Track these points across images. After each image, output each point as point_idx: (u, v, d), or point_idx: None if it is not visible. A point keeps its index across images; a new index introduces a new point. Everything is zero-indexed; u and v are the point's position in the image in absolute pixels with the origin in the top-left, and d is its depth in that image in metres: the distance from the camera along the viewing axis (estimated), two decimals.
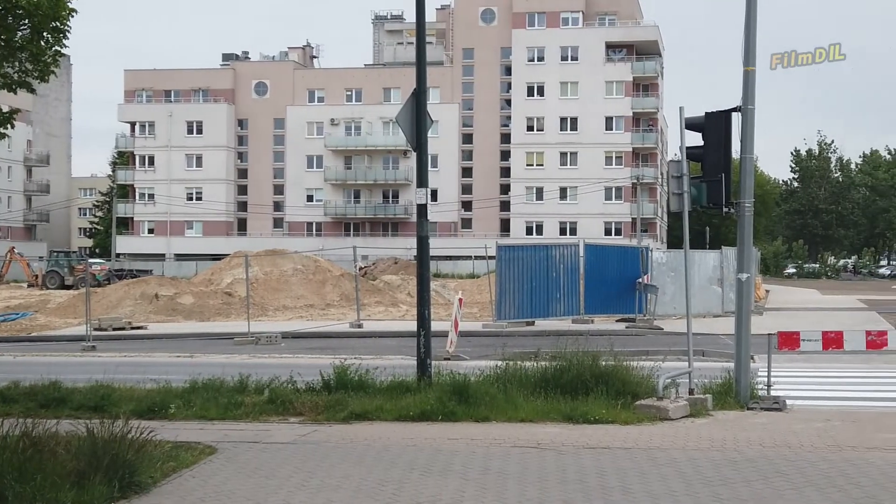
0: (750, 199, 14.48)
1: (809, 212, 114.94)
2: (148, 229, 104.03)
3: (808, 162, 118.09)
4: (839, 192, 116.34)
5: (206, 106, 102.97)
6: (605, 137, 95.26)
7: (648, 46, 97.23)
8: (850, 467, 9.73)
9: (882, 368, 20.47)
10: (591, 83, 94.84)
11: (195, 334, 30.92)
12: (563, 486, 9.07)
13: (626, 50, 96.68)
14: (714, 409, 13.70)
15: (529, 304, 30.74)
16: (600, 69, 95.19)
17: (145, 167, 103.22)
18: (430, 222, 15.25)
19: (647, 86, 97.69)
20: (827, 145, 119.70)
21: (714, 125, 14.31)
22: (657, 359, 17.51)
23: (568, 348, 14.50)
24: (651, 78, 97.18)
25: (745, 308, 14.77)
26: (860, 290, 65.28)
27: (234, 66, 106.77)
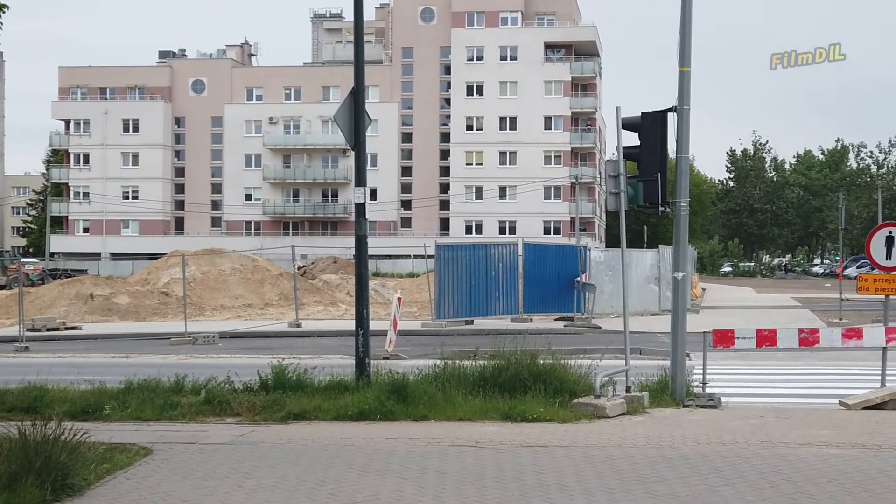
0: (685, 198, 14.62)
1: (745, 211, 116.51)
2: (83, 228, 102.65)
3: (743, 162, 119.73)
4: (774, 192, 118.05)
5: (143, 104, 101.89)
6: (544, 137, 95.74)
7: (587, 47, 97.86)
8: (782, 463, 9.86)
9: (815, 365, 20.80)
10: (530, 83, 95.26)
11: (131, 334, 30.58)
12: (501, 484, 9.10)
13: (565, 50, 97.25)
14: (650, 406, 13.81)
15: (468, 303, 30.82)
16: (539, 69, 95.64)
17: (80, 165, 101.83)
18: (370, 221, 15.23)
19: (585, 86, 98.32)
20: (762, 145, 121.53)
21: (650, 125, 14.43)
22: (595, 357, 17.60)
23: (506, 347, 14.53)
24: (589, 78, 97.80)
25: (681, 306, 14.91)
26: (794, 288, 66.27)
27: (171, 63, 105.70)
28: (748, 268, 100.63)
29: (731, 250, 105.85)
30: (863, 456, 10.26)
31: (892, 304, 16.35)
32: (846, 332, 15.72)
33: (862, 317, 31.22)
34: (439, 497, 8.67)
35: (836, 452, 10.46)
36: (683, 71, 14.43)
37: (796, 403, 15.34)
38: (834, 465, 9.73)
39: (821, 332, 15.85)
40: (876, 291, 15.93)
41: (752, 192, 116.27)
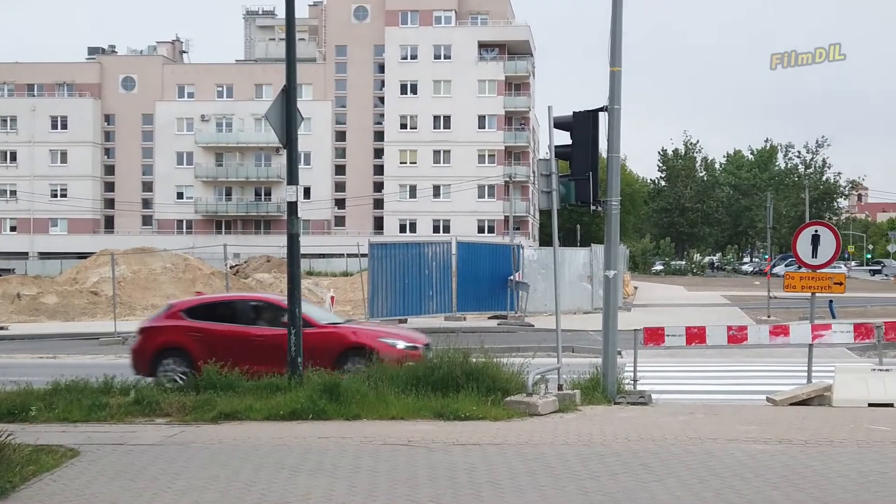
0: (616, 197, 14.74)
1: (676, 210, 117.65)
2: (10, 227, 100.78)
3: (674, 161, 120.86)
4: (704, 191, 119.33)
5: (71, 100, 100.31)
6: (478, 136, 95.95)
7: (520, 46, 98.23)
8: (711, 458, 9.99)
9: (743, 362, 21.11)
10: (463, 82, 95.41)
11: (59, 335, 30.12)
12: (434, 482, 9.10)
13: (499, 49, 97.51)
14: (582, 403, 13.91)
15: (402, 302, 30.78)
16: (473, 68, 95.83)
17: (6, 163, 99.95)
18: (304, 220, 15.14)
19: (518, 85, 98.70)
20: (693, 145, 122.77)
21: (582, 124, 14.51)
22: (527, 355, 17.68)
23: (439, 346, 14.55)
24: (523, 77, 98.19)
25: (613, 304, 15.03)
26: (724, 286, 67.11)
27: (101, 60, 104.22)
28: (679, 266, 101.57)
29: (662, 249, 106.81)
30: (789, 451, 10.42)
31: (818, 301, 16.64)
32: (773, 330, 15.97)
33: (790, 314, 31.72)
34: (371, 496, 8.65)
35: (763, 448, 10.61)
36: (614, 71, 14.53)
37: (725, 400, 15.57)
38: (761, 461, 9.87)
39: (749, 330, 16.08)
40: (802, 289, 16.19)
41: (683, 191, 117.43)
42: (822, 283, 16.06)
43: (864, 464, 9.68)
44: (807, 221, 18.37)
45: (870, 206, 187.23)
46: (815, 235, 15.91)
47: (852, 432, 11.56)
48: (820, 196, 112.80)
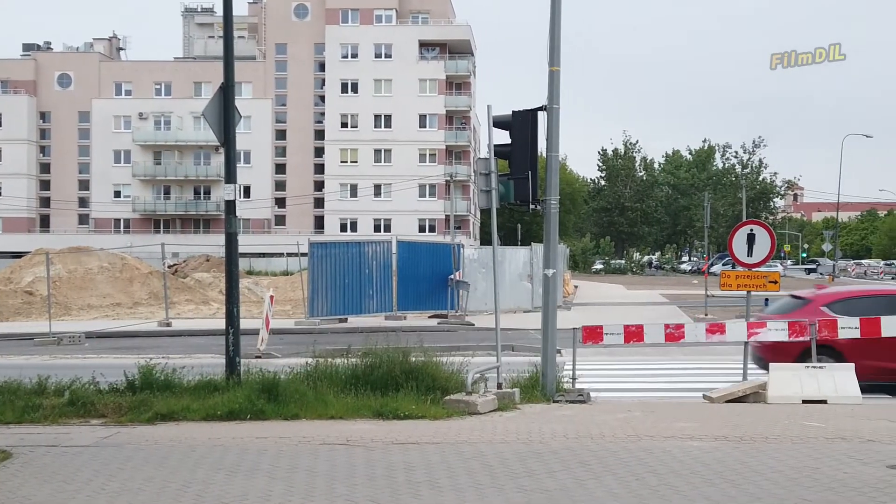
0: (555, 196, 14.80)
1: (616, 209, 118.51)
2: None
3: (614, 161, 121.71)
4: (644, 191, 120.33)
5: (6, 98, 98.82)
6: (419, 135, 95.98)
7: (461, 45, 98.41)
8: (648, 456, 10.06)
9: (681, 360, 21.30)
10: (404, 81, 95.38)
11: None
12: (372, 482, 9.07)
13: (440, 49, 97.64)
14: (521, 402, 13.95)
15: (342, 301, 30.66)
16: (414, 67, 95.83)
17: None
18: (244, 219, 15.07)
19: (459, 84, 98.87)
20: (632, 145, 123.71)
21: (521, 124, 14.54)
22: (467, 354, 17.74)
23: (379, 345, 14.51)
24: (464, 77, 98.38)
25: (551, 303, 15.09)
26: (663, 285, 67.72)
27: (36, 56, 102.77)
28: (619, 265, 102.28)
29: (602, 248, 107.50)
30: (724, 448, 10.53)
31: (754, 299, 16.84)
32: (710, 328, 16.11)
33: (727, 312, 32.05)
34: (309, 496, 8.60)
35: (700, 445, 10.71)
36: (553, 70, 14.58)
37: (663, 397, 15.70)
38: (697, 457, 9.96)
39: (686, 328, 16.21)
40: (738, 287, 16.37)
41: (622, 190, 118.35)
42: (757, 282, 16.26)
43: (798, 459, 9.81)
44: (743, 221, 18.52)
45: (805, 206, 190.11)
46: (750, 234, 16.11)
47: (786, 429, 11.71)
48: (757, 196, 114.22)
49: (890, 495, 8.25)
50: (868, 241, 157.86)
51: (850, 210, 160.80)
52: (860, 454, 10.03)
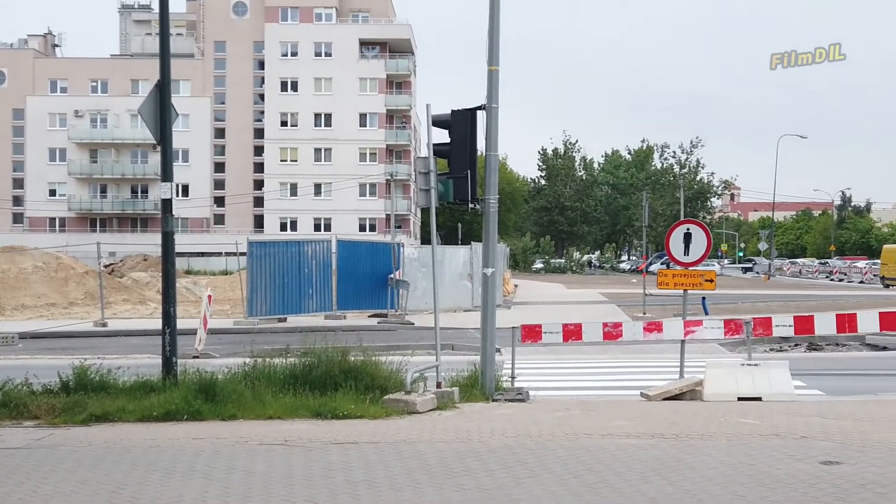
0: (494, 195, 14.83)
1: (556, 209, 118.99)
2: None
3: (554, 161, 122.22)
4: (583, 190, 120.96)
5: None
6: (360, 134, 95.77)
7: (402, 45, 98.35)
8: (585, 454, 10.11)
9: (620, 358, 21.46)
10: (345, 80, 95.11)
11: None
12: (309, 482, 9.02)
13: (380, 48, 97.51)
14: (461, 401, 13.96)
15: (281, 301, 30.51)
16: (354, 66, 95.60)
17: None
18: (182, 218, 14.94)
19: (400, 83, 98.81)
20: (572, 145, 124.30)
21: (460, 123, 14.55)
22: (407, 353, 17.79)
23: (318, 344, 14.45)
24: (404, 76, 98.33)
25: (491, 302, 15.12)
26: (602, 284, 68.18)
27: None
28: (559, 264, 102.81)
29: (542, 247, 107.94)
30: (661, 445, 10.62)
31: (692, 298, 17.01)
32: (647, 326, 16.25)
33: (665, 311, 32.33)
34: (246, 497, 8.52)
35: (637, 442, 10.79)
36: (492, 70, 14.62)
37: (601, 395, 15.79)
38: (634, 455, 10.03)
39: (624, 326, 16.35)
40: (675, 286, 16.52)
41: (562, 190, 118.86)
42: (693, 281, 16.42)
43: (733, 456, 9.91)
44: (680, 220, 18.72)
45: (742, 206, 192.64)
46: (687, 234, 16.27)
47: (722, 426, 11.83)
48: (695, 195, 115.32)
49: (823, 490, 8.36)
50: (803, 241, 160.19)
51: (786, 210, 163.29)
52: (794, 451, 10.16)
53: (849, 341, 24.87)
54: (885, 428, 11.57)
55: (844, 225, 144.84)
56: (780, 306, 38.03)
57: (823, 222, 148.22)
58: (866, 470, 9.14)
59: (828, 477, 8.88)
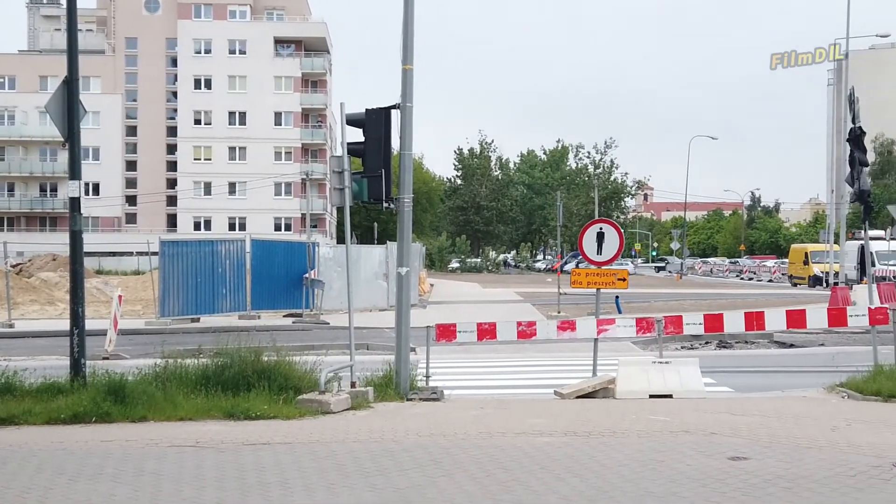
0: (409, 194, 14.83)
1: (472, 208, 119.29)
2: None
3: (470, 160, 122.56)
4: (499, 190, 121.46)
5: None
6: (275, 133, 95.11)
7: (317, 43, 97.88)
8: (499, 452, 10.14)
9: (533, 357, 21.58)
10: (259, 78, 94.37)
11: None
12: (221, 484, 8.91)
13: (295, 46, 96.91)
14: (375, 401, 13.93)
15: (195, 301, 30.15)
16: (269, 64, 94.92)
17: None
18: (93, 217, 14.68)
19: (316, 82, 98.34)
20: (488, 144, 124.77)
21: (374, 122, 14.52)
22: (322, 353, 17.66)
23: (231, 344, 14.30)
24: (320, 74, 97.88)
25: (405, 301, 15.11)
26: (518, 283, 68.57)
27: None
28: (475, 263, 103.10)
29: (458, 246, 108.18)
30: (573, 443, 10.70)
31: (605, 297, 17.18)
32: (561, 325, 16.39)
33: (579, 310, 32.59)
34: (155, 500, 8.39)
35: (550, 440, 10.86)
36: (407, 69, 14.61)
37: (516, 394, 15.87)
38: (547, 453, 10.09)
39: (538, 325, 16.47)
40: (588, 285, 16.67)
41: (478, 189, 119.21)
42: (606, 280, 16.59)
43: (644, 453, 10.03)
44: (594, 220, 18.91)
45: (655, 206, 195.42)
46: (599, 233, 16.43)
47: (634, 423, 11.97)
48: (609, 195, 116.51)
49: (731, 486, 8.50)
50: (714, 240, 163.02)
51: (698, 209, 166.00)
52: (703, 447, 10.32)
53: (757, 339, 25.34)
54: (792, 424, 11.81)
55: (754, 225, 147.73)
56: (692, 305, 38.62)
57: (734, 222, 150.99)
58: (773, 465, 9.32)
59: (736, 472, 9.03)
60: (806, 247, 66.62)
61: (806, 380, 16.90)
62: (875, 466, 9.19)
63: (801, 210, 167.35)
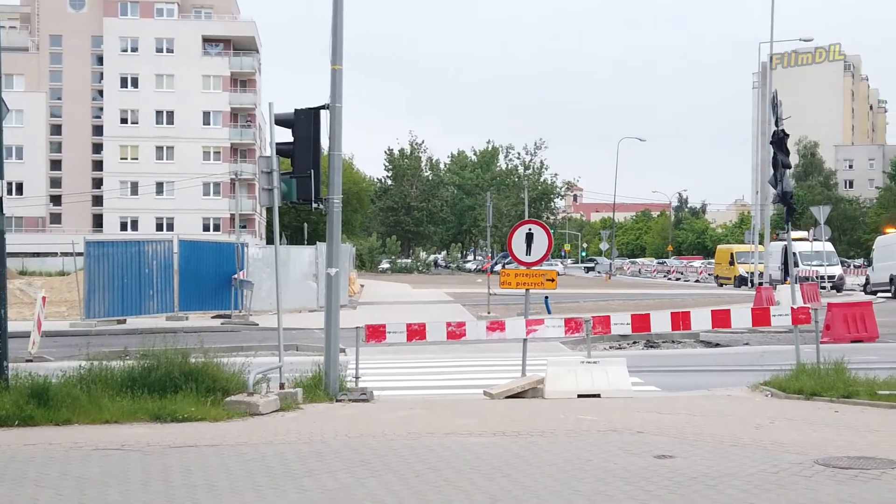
0: (338, 195, 14.79)
1: (402, 209, 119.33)
2: None
3: (400, 161, 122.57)
4: (429, 190, 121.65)
5: None
6: (203, 132, 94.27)
7: (246, 42, 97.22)
8: (428, 453, 10.15)
9: (463, 358, 21.63)
10: (187, 76, 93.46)
11: None
12: (147, 487, 8.81)
13: (224, 45, 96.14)
14: (304, 402, 13.87)
15: (121, 302, 29.77)
16: (197, 63, 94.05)
17: None
18: (16, 217, 14.38)
19: (245, 81, 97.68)
20: (418, 145, 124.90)
21: (303, 122, 14.45)
22: (251, 354, 17.57)
23: (159, 346, 14.14)
24: (249, 74, 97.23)
25: (335, 302, 15.07)
26: (448, 283, 68.69)
27: None
28: (406, 264, 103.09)
29: (389, 247, 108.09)
30: (502, 442, 10.75)
31: (535, 297, 17.28)
32: (490, 325, 16.45)
33: (509, 310, 32.70)
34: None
35: (479, 441, 10.89)
36: (336, 69, 14.57)
37: (445, 395, 15.88)
38: (476, 453, 10.12)
39: (467, 326, 16.53)
40: (517, 286, 16.75)
41: (409, 190, 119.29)
42: (535, 280, 16.68)
43: (572, 452, 10.10)
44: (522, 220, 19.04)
45: (584, 206, 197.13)
46: (529, 234, 16.52)
47: (562, 423, 12.05)
48: (538, 196, 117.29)
49: (656, 483, 8.60)
50: (643, 241, 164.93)
51: (626, 210, 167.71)
52: (630, 445, 10.43)
53: (684, 338, 25.68)
54: (717, 422, 11.99)
55: (681, 226, 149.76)
56: (620, 305, 39.00)
57: (661, 223, 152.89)
58: (698, 463, 9.44)
59: (662, 470, 9.13)
60: (732, 247, 67.60)
61: (731, 378, 17.16)
62: (798, 463, 9.36)
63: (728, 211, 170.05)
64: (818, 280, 44.43)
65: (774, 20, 49.14)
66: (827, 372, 14.65)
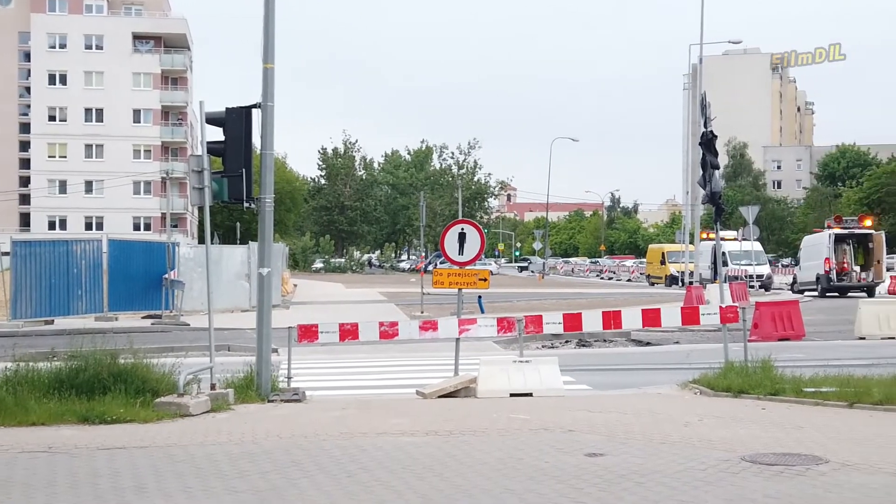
0: (270, 194, 14.70)
1: (336, 208, 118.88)
2: None
3: (334, 160, 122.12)
4: (363, 190, 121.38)
5: None
6: (134, 130, 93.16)
7: (177, 39, 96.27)
8: (360, 453, 10.14)
9: (396, 357, 21.64)
10: (117, 74, 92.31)
11: None
12: (74, 489, 8.69)
13: (155, 42, 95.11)
14: (236, 402, 13.78)
15: (48, 302, 29.34)
16: (127, 60, 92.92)
17: None
18: None
19: (176, 79, 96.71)
20: (352, 144, 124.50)
21: (235, 121, 14.35)
22: (181, 355, 17.38)
23: (87, 346, 13.95)
24: (180, 71, 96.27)
25: (267, 302, 14.98)
26: (382, 283, 68.65)
27: None
28: (339, 264, 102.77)
29: (322, 247, 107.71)
30: (434, 442, 10.77)
31: (468, 296, 17.32)
32: (423, 325, 16.47)
33: (442, 309, 32.77)
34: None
35: (411, 440, 10.91)
36: (268, 67, 14.49)
37: (378, 394, 15.87)
38: (408, 452, 10.13)
39: (400, 325, 16.52)
40: (450, 285, 16.80)
41: (342, 189, 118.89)
42: (468, 280, 16.74)
43: (504, 451, 10.14)
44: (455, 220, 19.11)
45: (518, 206, 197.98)
46: (461, 234, 16.58)
47: (494, 422, 12.10)
48: (472, 196, 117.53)
49: (587, 481, 8.67)
50: (576, 240, 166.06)
51: (560, 210, 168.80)
52: (561, 444, 10.50)
53: (615, 337, 25.90)
54: (647, 420, 12.11)
55: (614, 225, 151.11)
56: (553, 304, 39.23)
57: (594, 222, 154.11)
58: (628, 461, 9.54)
59: (592, 468, 9.21)
60: (663, 247, 68.38)
61: (661, 377, 17.35)
62: (725, 460, 9.49)
63: (659, 211, 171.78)
64: (747, 279, 45.05)
65: (704, 22, 49.77)
66: (754, 370, 14.86)
